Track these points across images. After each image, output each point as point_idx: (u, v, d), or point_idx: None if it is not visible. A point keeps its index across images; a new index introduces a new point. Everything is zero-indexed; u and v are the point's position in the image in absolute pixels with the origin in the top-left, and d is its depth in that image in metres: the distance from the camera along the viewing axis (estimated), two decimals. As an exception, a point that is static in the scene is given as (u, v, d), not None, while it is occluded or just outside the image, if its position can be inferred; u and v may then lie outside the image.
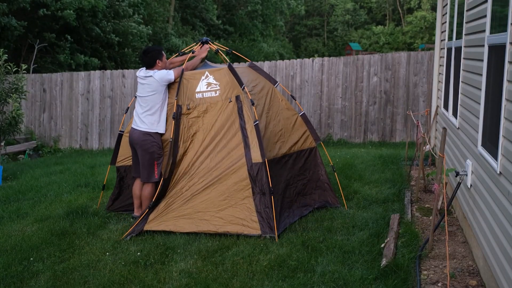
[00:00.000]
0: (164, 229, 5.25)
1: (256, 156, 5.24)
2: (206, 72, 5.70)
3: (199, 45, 6.10)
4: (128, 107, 6.48)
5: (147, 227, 5.29)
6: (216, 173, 5.34)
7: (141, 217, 5.33)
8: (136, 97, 5.73)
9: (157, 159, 5.56)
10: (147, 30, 21.27)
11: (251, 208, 5.17)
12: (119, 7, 19.68)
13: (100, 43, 19.47)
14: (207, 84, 5.64)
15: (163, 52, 5.79)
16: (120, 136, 6.08)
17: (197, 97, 5.60)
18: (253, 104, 5.39)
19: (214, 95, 5.60)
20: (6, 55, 8.72)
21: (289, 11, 39.51)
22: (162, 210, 5.34)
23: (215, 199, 5.27)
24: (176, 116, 5.51)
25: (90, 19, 18.36)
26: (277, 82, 6.17)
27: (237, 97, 5.51)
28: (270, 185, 5.15)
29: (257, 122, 5.32)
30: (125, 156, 6.05)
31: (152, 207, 5.38)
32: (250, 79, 5.92)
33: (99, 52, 19.66)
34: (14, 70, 8.81)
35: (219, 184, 5.31)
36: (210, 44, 6.10)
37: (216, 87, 5.61)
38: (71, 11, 16.91)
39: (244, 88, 5.49)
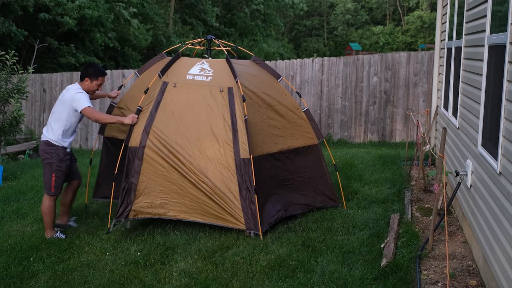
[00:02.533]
0: (152, 213, 5.21)
1: (244, 152, 5.19)
2: (203, 60, 5.73)
3: (204, 41, 6.20)
4: (122, 85, 6.45)
5: (135, 207, 5.21)
6: (204, 163, 5.24)
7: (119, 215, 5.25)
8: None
9: (56, 172, 5.26)
10: (147, 33, 21.28)
11: (237, 204, 5.13)
12: (118, 12, 19.71)
13: (100, 45, 19.52)
14: (200, 69, 5.63)
15: (100, 77, 5.40)
16: (111, 107, 6.13)
17: (187, 78, 5.56)
18: (244, 100, 5.32)
19: (205, 79, 5.55)
20: (17, 57, 8.73)
21: (292, 11, 39.62)
22: (149, 192, 5.25)
23: (203, 190, 5.20)
24: (160, 91, 5.46)
25: (92, 27, 18.41)
26: (280, 76, 6.15)
27: (230, 89, 5.44)
28: (254, 183, 5.10)
29: (246, 117, 5.27)
30: (112, 128, 6.05)
31: (116, 179, 5.34)
32: (250, 73, 5.89)
33: (99, 53, 19.68)
34: (20, 71, 8.82)
35: (207, 175, 5.22)
36: (215, 41, 6.15)
37: (209, 73, 5.59)
38: (72, 19, 16.95)
39: (237, 81, 5.43)
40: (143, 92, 5.50)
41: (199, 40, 6.38)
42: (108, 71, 12.98)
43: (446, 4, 7.58)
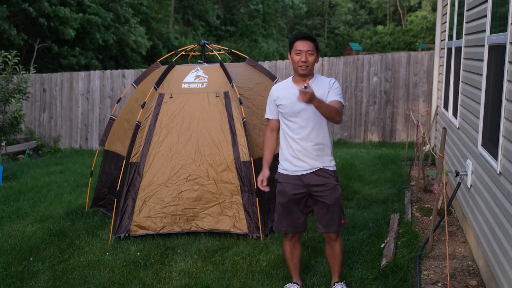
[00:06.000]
0: (152, 228, 5.17)
1: (244, 155, 5.20)
2: (197, 67, 5.73)
3: (197, 46, 6.22)
4: (121, 98, 6.56)
5: (135, 223, 5.16)
6: (204, 168, 5.25)
7: (122, 213, 5.24)
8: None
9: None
10: (145, 42, 21.29)
11: (239, 207, 5.14)
12: (120, 10, 19.72)
13: (100, 45, 19.53)
14: (195, 77, 5.62)
15: (296, 43, 3.67)
16: (111, 120, 6.20)
17: (182, 87, 5.55)
18: (241, 103, 5.33)
19: (200, 86, 5.54)
20: (18, 58, 8.73)
21: (292, 11, 39.63)
22: (148, 206, 5.23)
23: (203, 196, 5.22)
24: (157, 104, 5.45)
25: (93, 30, 18.44)
26: (276, 78, 6.15)
27: (226, 93, 5.45)
28: (256, 186, 5.07)
29: (245, 120, 5.28)
30: (112, 141, 6.07)
31: (120, 196, 5.26)
32: (245, 75, 5.90)
33: (100, 53, 19.69)
34: (22, 71, 8.82)
35: (207, 180, 5.23)
36: (208, 46, 6.17)
37: (204, 80, 5.58)
38: (72, 29, 16.98)
39: (233, 85, 5.44)
40: (141, 106, 5.52)
41: (192, 46, 6.40)
42: (108, 71, 12.98)
43: (446, 4, 7.58)
